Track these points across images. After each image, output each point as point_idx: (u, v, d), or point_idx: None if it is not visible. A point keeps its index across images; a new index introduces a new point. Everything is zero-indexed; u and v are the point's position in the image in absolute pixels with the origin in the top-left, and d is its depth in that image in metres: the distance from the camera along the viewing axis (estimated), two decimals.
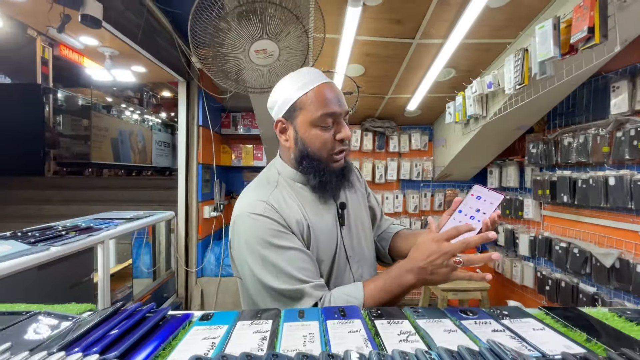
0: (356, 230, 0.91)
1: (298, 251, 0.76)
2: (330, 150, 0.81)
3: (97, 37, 1.73)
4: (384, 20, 1.86)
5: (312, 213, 0.82)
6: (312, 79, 0.81)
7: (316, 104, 0.78)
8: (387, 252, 1.05)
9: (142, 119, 7.51)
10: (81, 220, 1.86)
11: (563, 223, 2.36)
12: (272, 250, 0.74)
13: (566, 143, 2.23)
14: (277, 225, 0.76)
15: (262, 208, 0.76)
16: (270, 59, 1.33)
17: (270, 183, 0.85)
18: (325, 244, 0.82)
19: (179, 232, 2.54)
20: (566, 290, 2.25)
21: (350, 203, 0.91)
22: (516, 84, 1.87)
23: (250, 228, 0.76)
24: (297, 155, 0.82)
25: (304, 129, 0.80)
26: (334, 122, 0.81)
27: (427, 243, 0.72)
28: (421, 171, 3.30)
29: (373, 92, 2.73)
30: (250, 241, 0.75)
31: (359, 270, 0.90)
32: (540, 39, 1.61)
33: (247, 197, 0.82)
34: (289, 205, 0.80)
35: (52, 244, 1.31)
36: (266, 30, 1.17)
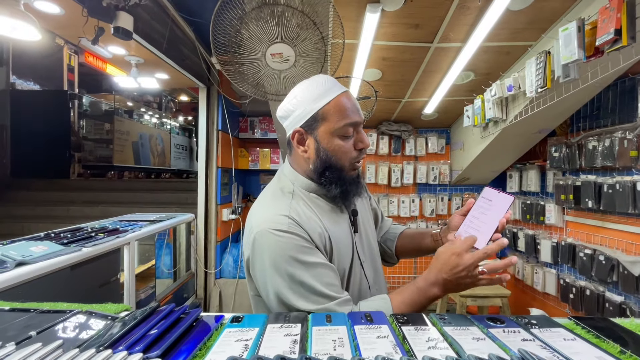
0: (365, 234, 0.92)
1: (324, 266, 0.75)
2: (351, 160, 0.81)
3: (124, 47, 1.81)
4: (402, 25, 1.86)
5: (330, 224, 0.82)
6: (329, 88, 0.80)
7: (338, 114, 0.78)
8: (393, 252, 1.07)
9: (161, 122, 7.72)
10: (108, 222, 1.94)
11: (587, 229, 2.29)
12: (299, 267, 0.72)
13: (591, 147, 2.17)
14: (302, 240, 0.74)
15: (287, 224, 0.74)
16: (286, 64, 1.35)
17: (285, 194, 0.82)
18: (344, 253, 0.82)
19: (198, 234, 2.60)
20: (591, 299, 2.18)
21: (361, 209, 0.93)
22: (538, 87, 1.83)
23: (275, 246, 0.73)
24: (319, 166, 0.80)
25: (327, 140, 0.79)
26: (354, 131, 0.81)
27: (449, 256, 0.73)
28: (438, 175, 3.27)
29: (389, 96, 2.73)
30: (277, 260, 0.72)
31: (372, 274, 0.91)
32: (564, 41, 1.58)
33: (266, 211, 0.79)
34: (309, 218, 0.78)
35: (84, 245, 1.37)
36: (282, 33, 1.19)
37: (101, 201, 4.45)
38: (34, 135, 4.93)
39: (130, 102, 7.57)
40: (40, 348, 0.50)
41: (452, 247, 0.74)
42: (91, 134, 6.07)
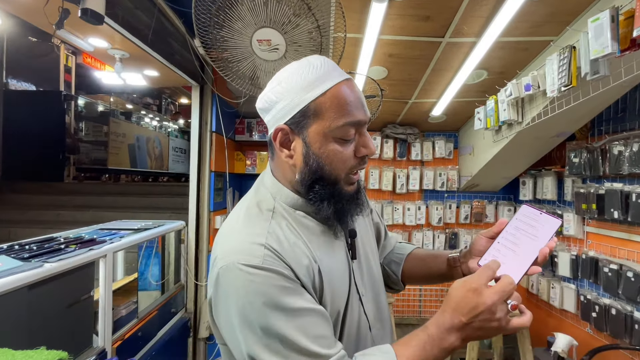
0: (366, 259, 0.74)
1: (311, 313, 0.56)
2: (350, 170, 0.63)
3: (107, 39, 1.66)
4: (411, 17, 1.70)
5: (322, 251, 0.63)
6: (326, 73, 0.61)
7: (336, 110, 0.59)
8: (399, 277, 0.87)
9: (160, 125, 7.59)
10: (85, 231, 1.77)
11: (612, 242, 2.10)
12: (277, 316, 0.53)
13: (616, 152, 1.98)
14: (282, 279, 0.55)
15: (262, 256, 0.55)
16: (275, 54, 1.18)
17: (263, 212, 0.63)
18: (339, 289, 0.64)
19: (189, 243, 2.42)
20: (617, 319, 1.98)
21: (358, 228, 0.74)
22: (561, 85, 1.66)
23: (245, 288, 0.54)
24: (307, 177, 0.62)
25: (320, 143, 0.60)
26: (357, 132, 0.62)
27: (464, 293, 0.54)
28: (445, 181, 3.09)
29: (395, 97, 2.56)
30: (247, 308, 0.54)
31: (373, 310, 0.72)
32: (595, 33, 1.40)
33: (235, 237, 0.60)
34: (292, 245, 0.60)
35: (47, 260, 1.20)
36: (271, 17, 1.02)
37: (93, 205, 4.29)
38: (27, 136, 4.79)
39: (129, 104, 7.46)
40: None
41: (468, 282, 0.55)
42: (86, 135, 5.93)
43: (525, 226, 0.64)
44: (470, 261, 0.70)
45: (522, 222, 0.64)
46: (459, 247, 3.09)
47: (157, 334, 1.91)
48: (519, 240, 0.63)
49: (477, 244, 0.70)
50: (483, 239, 0.69)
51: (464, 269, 0.73)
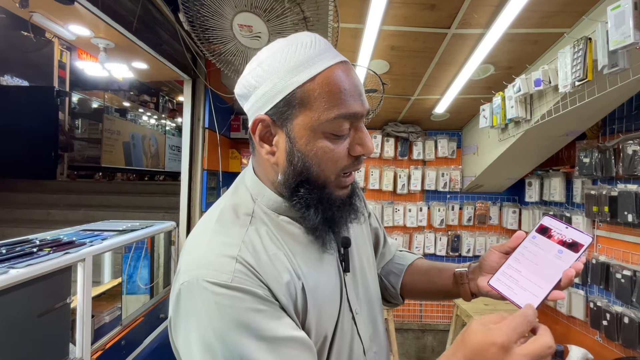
0: (361, 271, 0.64)
1: (290, 343, 0.46)
2: (341, 172, 0.53)
3: (89, 27, 1.55)
4: (416, 5, 1.59)
5: (308, 265, 0.53)
6: (317, 54, 0.50)
7: (328, 99, 0.49)
8: (397, 291, 0.76)
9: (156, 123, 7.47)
10: (64, 233, 1.65)
11: (624, 246, 2.00)
12: (247, 347, 0.43)
13: (630, 152, 1.88)
14: (256, 301, 0.45)
15: (231, 272, 0.46)
16: (257, 42, 1.07)
17: (240, 217, 0.54)
18: (327, 309, 0.54)
19: (180, 244, 2.31)
20: (631, 328, 1.87)
21: (353, 235, 0.64)
22: (575, 80, 1.55)
23: (208, 312, 0.44)
24: (291, 178, 0.52)
25: (307, 139, 0.50)
26: (352, 127, 0.52)
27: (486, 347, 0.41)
28: (448, 181, 2.98)
29: (397, 93, 2.45)
30: (207, 335, 0.44)
31: (367, 331, 0.61)
32: (615, 21, 1.30)
33: (203, 247, 0.50)
34: (272, 257, 0.50)
35: (13, 265, 1.09)
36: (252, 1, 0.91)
37: (85, 204, 4.17)
38: (18, 133, 4.67)
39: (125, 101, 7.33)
40: None
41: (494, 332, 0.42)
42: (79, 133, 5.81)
43: (547, 243, 0.53)
44: (480, 279, 0.60)
45: (543, 237, 0.54)
46: (461, 249, 2.99)
47: (143, 342, 1.80)
48: (538, 258, 0.53)
49: (489, 260, 0.59)
50: (496, 253, 0.59)
51: (472, 287, 0.63)
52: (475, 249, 2.98)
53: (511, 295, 0.51)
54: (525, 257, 0.54)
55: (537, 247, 0.54)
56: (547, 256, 0.52)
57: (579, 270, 0.49)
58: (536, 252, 0.54)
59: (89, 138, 5.75)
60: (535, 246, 0.54)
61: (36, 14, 1.36)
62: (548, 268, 0.51)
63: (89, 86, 6.51)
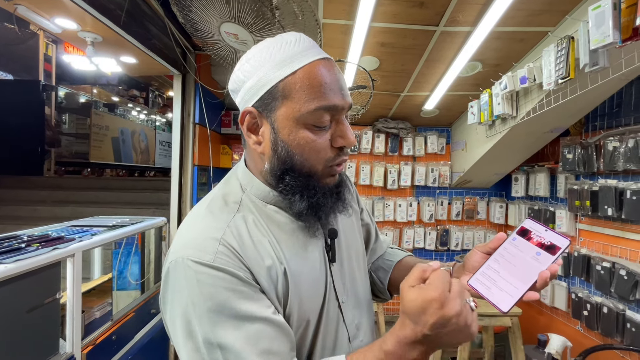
0: (349, 262, 0.67)
1: (267, 323, 0.49)
2: (326, 162, 0.56)
3: (76, 20, 1.52)
4: (405, 2, 1.61)
5: (292, 251, 0.56)
6: (300, 51, 0.54)
7: (308, 91, 0.52)
8: (385, 286, 0.79)
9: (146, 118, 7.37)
10: (53, 228, 1.64)
11: (604, 239, 2.07)
12: (223, 323, 0.47)
13: (611, 148, 1.94)
14: (235, 282, 0.48)
15: (212, 252, 0.49)
16: (244, 46, 1.10)
17: (228, 205, 0.57)
18: (310, 295, 0.57)
19: (170, 239, 2.30)
20: (609, 318, 1.95)
21: (341, 227, 0.66)
22: (558, 77, 1.60)
23: (190, 288, 0.48)
24: (276, 166, 0.56)
25: (289, 129, 0.54)
26: (333, 120, 0.55)
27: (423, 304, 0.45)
28: (437, 177, 3.03)
29: (387, 89, 2.48)
30: (188, 310, 0.48)
31: (354, 320, 0.64)
32: (595, 21, 1.34)
33: (191, 230, 0.54)
34: (256, 242, 0.53)
35: (2, 261, 1.08)
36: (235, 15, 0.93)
37: (74, 201, 4.11)
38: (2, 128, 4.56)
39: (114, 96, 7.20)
40: None
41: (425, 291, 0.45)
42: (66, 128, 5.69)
43: (526, 245, 0.56)
44: (462, 277, 0.62)
45: (523, 239, 0.56)
46: (450, 244, 3.05)
47: (134, 337, 1.81)
48: (516, 260, 0.55)
49: (471, 259, 0.62)
50: (478, 254, 0.61)
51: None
52: (464, 243, 3.05)
53: (488, 294, 0.53)
54: (504, 258, 0.56)
55: (517, 249, 0.56)
56: (526, 258, 0.54)
57: (554, 272, 0.51)
58: (515, 253, 0.55)
59: (77, 133, 5.65)
60: (515, 248, 0.56)
61: (20, 6, 1.33)
62: (525, 269, 0.53)
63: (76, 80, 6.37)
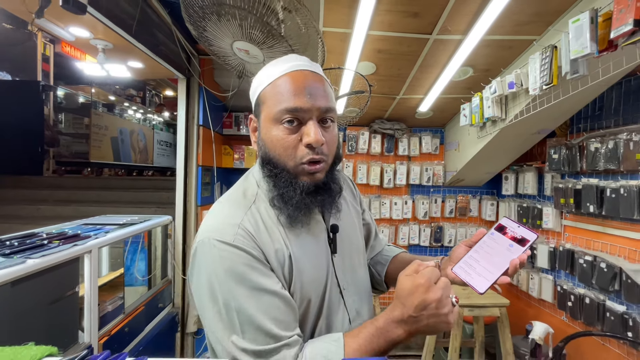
0: (350, 256, 0.76)
1: (275, 295, 0.59)
2: (297, 159, 0.63)
3: (89, 28, 1.60)
4: (400, 13, 1.71)
5: (296, 239, 0.66)
6: (281, 67, 0.65)
7: (278, 96, 0.62)
8: (382, 278, 0.89)
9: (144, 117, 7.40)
10: (69, 226, 1.73)
11: (587, 234, 2.20)
12: (239, 291, 0.57)
13: (593, 148, 2.07)
14: (250, 259, 0.59)
15: (233, 234, 0.59)
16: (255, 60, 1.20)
17: (246, 198, 0.67)
18: (313, 278, 0.66)
19: (176, 237, 2.40)
20: (591, 308, 2.09)
21: (343, 224, 0.75)
22: (543, 84, 1.71)
23: (214, 262, 0.58)
24: (260, 159, 0.68)
25: (266, 129, 0.65)
26: (301, 121, 0.63)
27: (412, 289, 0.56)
28: (432, 176, 3.15)
29: (383, 92, 2.58)
30: (212, 281, 0.58)
31: (354, 305, 0.74)
32: (575, 33, 1.45)
33: (216, 218, 0.64)
34: (268, 228, 0.64)
35: (30, 256, 1.17)
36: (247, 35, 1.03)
37: (75, 200, 4.17)
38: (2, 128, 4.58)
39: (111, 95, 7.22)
40: None
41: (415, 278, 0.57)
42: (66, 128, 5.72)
43: (501, 238, 0.66)
44: (448, 268, 0.71)
45: (499, 234, 0.66)
46: (443, 240, 3.18)
47: (144, 329, 1.90)
48: (493, 250, 0.64)
49: (456, 252, 0.71)
50: (462, 247, 0.71)
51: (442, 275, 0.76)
52: (457, 239, 3.17)
53: (469, 279, 0.63)
54: (483, 250, 0.66)
55: (494, 242, 0.66)
56: (501, 249, 0.64)
57: (523, 260, 0.61)
58: (492, 245, 0.65)
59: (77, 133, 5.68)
60: (493, 241, 0.66)
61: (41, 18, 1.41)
62: (500, 258, 0.63)
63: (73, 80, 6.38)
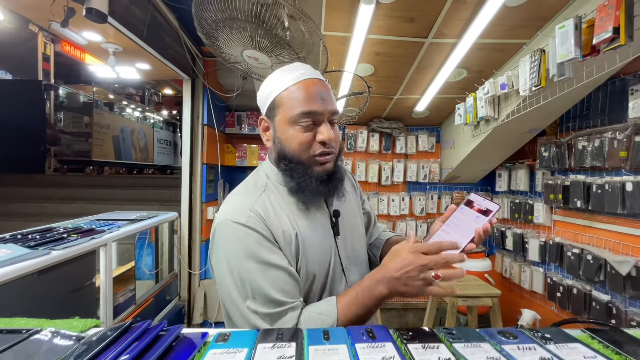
0: (352, 239, 0.86)
1: (281, 270, 0.69)
2: (311, 152, 0.74)
3: (101, 33, 1.68)
4: (397, 18, 1.80)
5: (302, 222, 0.75)
6: (298, 74, 0.74)
7: (295, 101, 0.72)
8: (378, 259, 1.01)
9: (144, 116, 7.46)
10: (83, 221, 1.81)
11: (575, 228, 2.31)
12: (251, 265, 0.67)
13: (580, 147, 2.17)
14: (261, 238, 0.69)
15: (246, 216, 0.69)
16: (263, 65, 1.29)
17: (257, 187, 0.78)
18: (317, 255, 0.76)
19: (182, 233, 2.48)
20: (578, 298, 2.20)
21: (344, 210, 0.85)
22: (532, 85, 1.81)
23: (230, 240, 0.69)
24: (276, 155, 0.77)
25: (282, 128, 0.74)
26: (315, 122, 0.73)
27: (404, 253, 0.66)
28: (428, 173, 3.25)
29: (381, 93, 2.67)
30: (229, 256, 0.68)
31: (355, 282, 0.84)
32: (561, 39, 1.55)
33: (232, 203, 0.75)
34: (276, 213, 0.73)
35: (53, 248, 1.26)
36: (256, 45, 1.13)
37: (79, 198, 4.23)
38: (5, 127, 4.64)
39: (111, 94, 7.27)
40: None
41: (409, 245, 0.67)
42: (69, 127, 5.77)
43: (469, 211, 0.74)
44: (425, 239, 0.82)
45: (467, 208, 0.75)
46: None
47: (154, 320, 1.99)
48: (462, 222, 0.73)
49: (433, 227, 0.80)
50: (438, 223, 0.80)
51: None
52: None
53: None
54: (454, 223, 0.74)
55: (463, 215, 0.74)
56: (469, 220, 0.73)
57: (486, 228, 0.70)
58: (461, 218, 0.74)
59: (78, 132, 5.74)
60: (462, 214, 0.75)
61: (54, 22, 1.49)
62: (467, 228, 0.71)
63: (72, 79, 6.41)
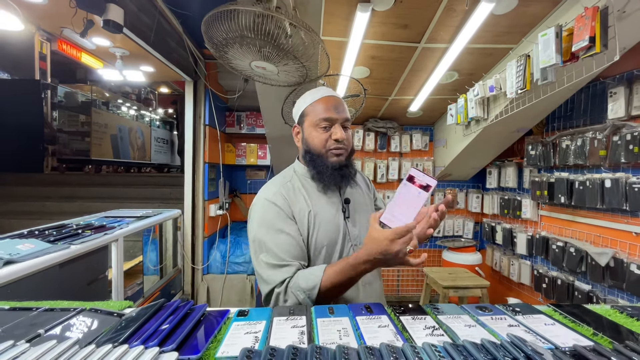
0: (360, 225, 1.01)
1: (289, 237, 0.90)
2: (327, 147, 0.96)
3: (109, 38, 1.75)
4: (391, 25, 1.90)
5: (317, 203, 0.97)
6: (321, 93, 1.01)
7: (317, 110, 0.97)
8: None
9: (141, 115, 7.48)
10: (93, 218, 1.89)
11: (560, 223, 2.45)
12: (269, 230, 0.90)
13: (564, 146, 2.30)
14: (279, 210, 0.92)
15: (272, 194, 0.94)
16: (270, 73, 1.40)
17: (285, 178, 1.02)
18: (327, 230, 0.94)
19: (185, 229, 2.57)
20: (562, 288, 2.33)
21: (355, 200, 1.03)
22: (518, 88, 1.93)
23: (259, 211, 0.94)
24: (303, 151, 1.00)
25: (308, 131, 0.99)
26: (331, 125, 0.97)
27: (384, 242, 0.75)
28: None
29: (377, 94, 2.78)
30: (257, 221, 0.92)
31: None
32: (543, 46, 1.66)
33: (265, 188, 1.00)
34: (296, 195, 0.97)
35: (72, 242, 1.34)
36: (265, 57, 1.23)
37: (79, 196, 4.29)
38: (3, 126, 4.67)
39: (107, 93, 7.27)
40: (55, 345, 0.51)
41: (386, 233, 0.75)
42: (67, 126, 5.79)
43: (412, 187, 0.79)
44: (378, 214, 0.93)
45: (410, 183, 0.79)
46: None
47: None
48: (407, 197, 0.78)
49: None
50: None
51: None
52: (445, 230, 3.41)
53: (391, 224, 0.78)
54: (399, 198, 0.79)
55: (407, 190, 0.78)
56: (412, 196, 0.77)
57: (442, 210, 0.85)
58: (405, 193, 0.78)
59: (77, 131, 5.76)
60: (406, 189, 0.78)
61: (66, 29, 1.56)
62: (412, 203, 0.77)
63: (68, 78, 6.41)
